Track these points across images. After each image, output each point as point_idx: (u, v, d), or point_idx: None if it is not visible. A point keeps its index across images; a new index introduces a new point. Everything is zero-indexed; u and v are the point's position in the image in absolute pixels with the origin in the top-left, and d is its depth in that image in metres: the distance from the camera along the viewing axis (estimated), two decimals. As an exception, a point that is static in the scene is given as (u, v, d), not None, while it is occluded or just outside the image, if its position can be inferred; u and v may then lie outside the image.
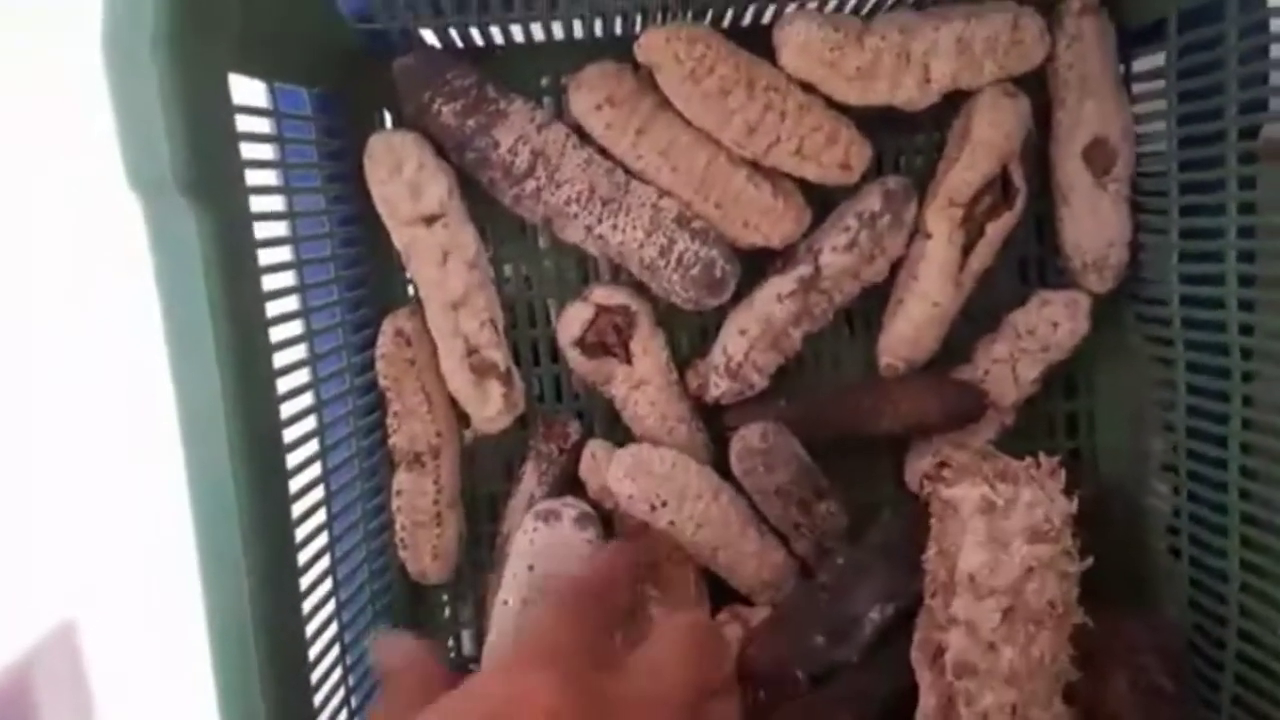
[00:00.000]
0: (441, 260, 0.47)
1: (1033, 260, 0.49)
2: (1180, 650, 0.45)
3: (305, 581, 0.40)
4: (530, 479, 0.49)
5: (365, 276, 0.49)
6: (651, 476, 0.45)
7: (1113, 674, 0.43)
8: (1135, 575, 0.48)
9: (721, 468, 0.48)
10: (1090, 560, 0.41)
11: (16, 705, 0.55)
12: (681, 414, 0.48)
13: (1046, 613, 0.40)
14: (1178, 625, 0.46)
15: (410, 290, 0.50)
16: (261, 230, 0.39)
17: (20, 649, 0.55)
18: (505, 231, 0.50)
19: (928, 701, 0.41)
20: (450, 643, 0.52)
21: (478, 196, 0.48)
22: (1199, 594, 0.45)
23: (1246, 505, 0.42)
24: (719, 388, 0.48)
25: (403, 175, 0.46)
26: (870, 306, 0.49)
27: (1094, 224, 0.46)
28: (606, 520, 0.49)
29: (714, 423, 0.49)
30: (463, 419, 0.49)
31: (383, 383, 0.48)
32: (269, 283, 0.40)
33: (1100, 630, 0.42)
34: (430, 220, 0.47)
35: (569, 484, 0.49)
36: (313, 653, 0.40)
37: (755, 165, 0.45)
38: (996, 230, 0.46)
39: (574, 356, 0.48)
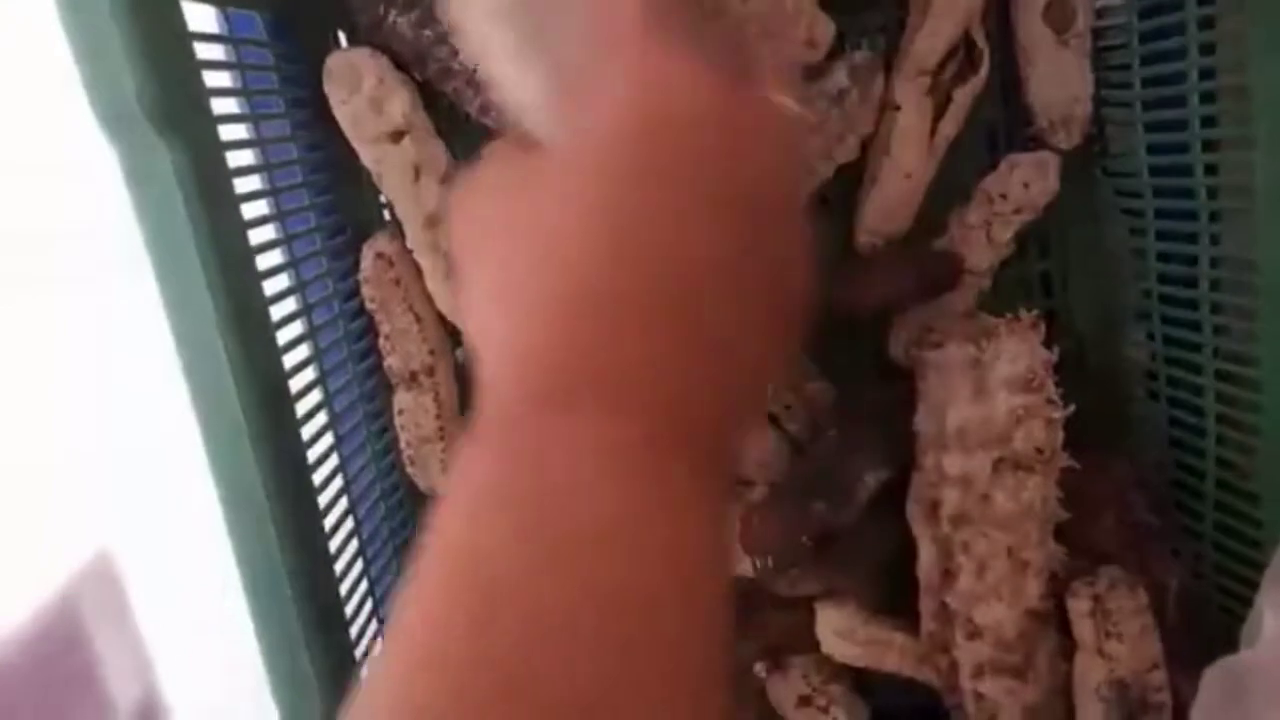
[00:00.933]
0: (414, 177, 0.46)
1: (1001, 129, 0.50)
2: (1162, 487, 0.48)
3: (323, 501, 0.42)
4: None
5: (340, 202, 0.49)
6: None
7: (1100, 513, 0.45)
8: (1115, 421, 0.50)
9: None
10: (1073, 407, 0.42)
11: (66, 636, 0.57)
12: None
13: (1034, 459, 0.41)
14: (1159, 464, 0.48)
15: (386, 214, 0.50)
16: (232, 159, 0.39)
17: (63, 579, 0.57)
18: (475, 147, 0.49)
19: (927, 553, 0.44)
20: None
21: (443, 114, 0.47)
22: (1178, 431, 0.47)
23: (1220, 341, 0.44)
24: (703, 280, 0.48)
25: (363, 92, 0.45)
26: (847, 191, 0.49)
27: (1058, 81, 0.47)
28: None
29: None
30: (454, 337, 0.50)
31: (370, 306, 0.48)
32: (246, 212, 0.40)
33: (1086, 473, 0.44)
34: (396, 136, 0.46)
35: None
36: (338, 567, 0.42)
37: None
38: (964, 95, 0.46)
39: None
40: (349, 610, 0.42)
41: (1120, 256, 0.50)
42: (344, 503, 0.44)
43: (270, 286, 0.41)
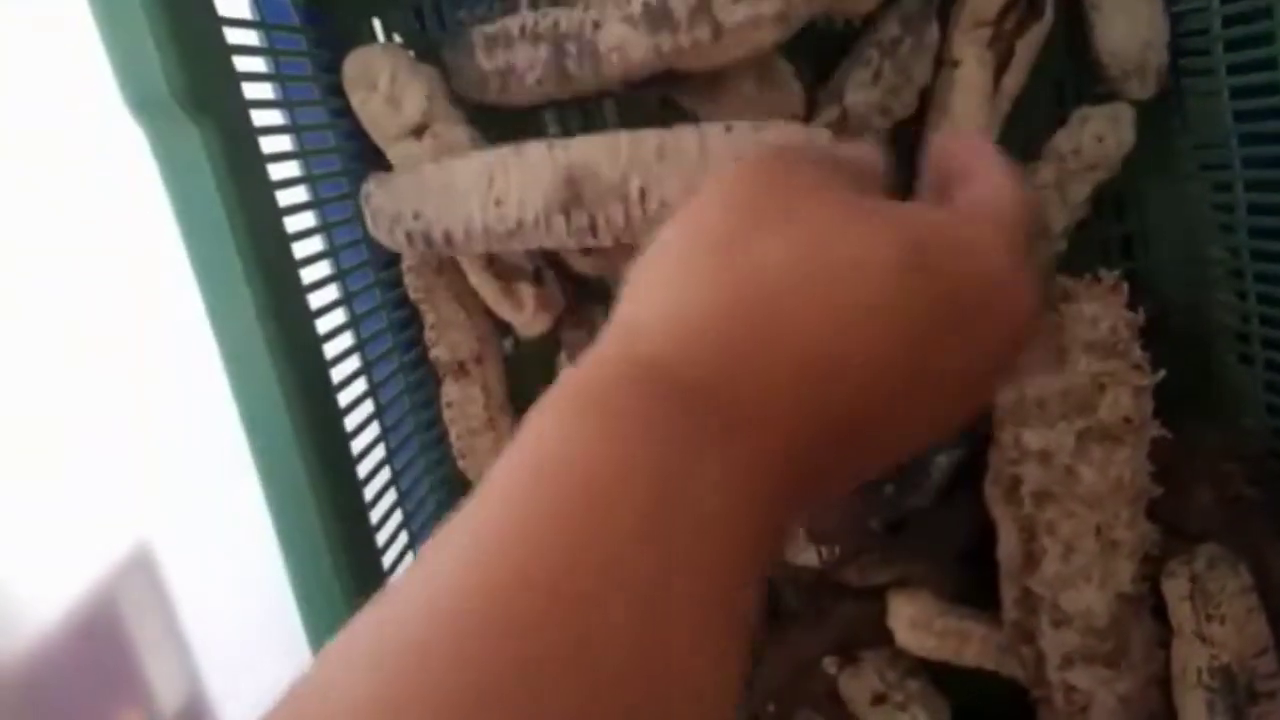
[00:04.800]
0: None
1: (1069, 82, 0.47)
2: (1262, 457, 0.44)
3: (369, 493, 0.40)
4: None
5: (380, 191, 0.48)
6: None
7: (1196, 487, 0.42)
8: (1206, 388, 0.47)
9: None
10: (1163, 372, 0.39)
11: (107, 627, 0.57)
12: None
13: (1122, 429, 0.39)
14: (1257, 432, 0.45)
15: (428, 201, 0.48)
16: (266, 145, 0.38)
17: (102, 569, 0.57)
18: (512, 130, 0.48)
19: (1008, 536, 0.41)
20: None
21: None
22: (1276, 397, 0.44)
23: (1321, 296, 0.41)
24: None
25: (379, 91, 0.44)
26: (906, 154, 0.46)
27: (1128, 26, 0.44)
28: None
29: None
30: (504, 328, 0.49)
31: (414, 296, 0.47)
32: (283, 199, 0.39)
33: (1178, 444, 0.41)
34: (418, 131, 0.44)
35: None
36: (386, 562, 0.40)
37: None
38: (1027, 46, 0.43)
39: (577, 260, 0.47)
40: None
41: (1204, 212, 0.46)
42: (392, 495, 0.43)
43: (309, 275, 0.39)
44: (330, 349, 0.40)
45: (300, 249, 0.39)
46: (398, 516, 0.43)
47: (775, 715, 0.44)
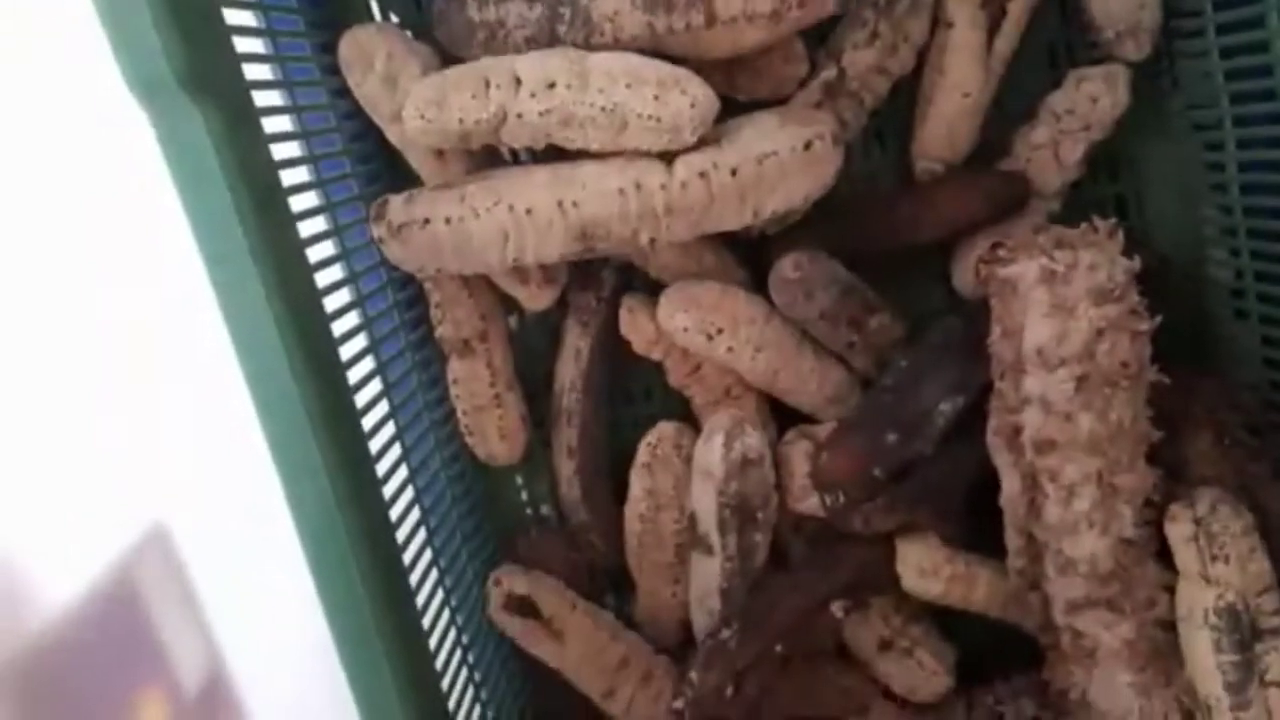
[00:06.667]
0: (437, 151, 0.45)
1: (1061, 45, 0.47)
2: (1257, 407, 0.45)
3: (381, 470, 0.41)
4: (573, 333, 0.48)
5: (382, 170, 0.48)
6: (701, 307, 0.45)
7: (1195, 433, 0.43)
8: (1201, 344, 0.48)
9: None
10: (1160, 318, 0.40)
11: (126, 609, 0.57)
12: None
13: (1121, 374, 0.39)
14: (1254, 386, 0.46)
15: (428, 181, 0.49)
16: (268, 126, 0.38)
17: (120, 548, 0.57)
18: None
19: (1011, 483, 0.41)
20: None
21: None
22: (1271, 350, 0.44)
23: (1313, 243, 0.41)
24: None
25: (375, 71, 0.44)
26: (902, 119, 0.47)
27: (1120, -14, 0.44)
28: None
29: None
30: (508, 302, 0.49)
31: (419, 274, 0.47)
32: (286, 179, 0.39)
33: (1177, 391, 0.41)
34: None
35: (612, 336, 0.48)
36: (400, 535, 0.41)
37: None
38: (1019, 7, 0.44)
39: None
40: (414, 579, 0.41)
41: (1197, 171, 0.47)
42: (403, 471, 0.43)
43: (315, 254, 0.40)
44: (337, 327, 0.40)
45: (305, 229, 0.39)
46: (410, 491, 0.44)
47: (783, 656, 0.44)
